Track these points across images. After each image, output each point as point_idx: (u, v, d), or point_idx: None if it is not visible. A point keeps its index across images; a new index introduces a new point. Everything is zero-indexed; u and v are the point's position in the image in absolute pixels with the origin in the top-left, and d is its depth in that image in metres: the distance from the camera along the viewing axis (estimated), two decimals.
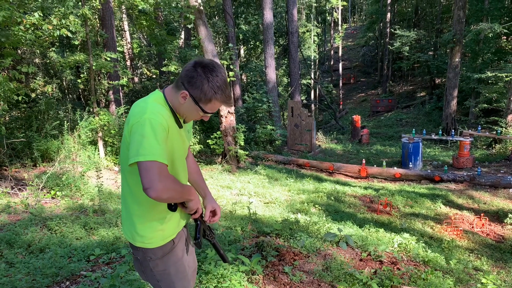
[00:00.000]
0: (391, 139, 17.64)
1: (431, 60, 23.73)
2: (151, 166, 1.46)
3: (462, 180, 8.23)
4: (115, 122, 9.05)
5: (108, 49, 10.33)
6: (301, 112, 12.78)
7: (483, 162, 10.10)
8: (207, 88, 1.62)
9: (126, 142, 1.60)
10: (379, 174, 9.25)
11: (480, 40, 16.89)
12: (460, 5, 14.62)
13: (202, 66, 1.63)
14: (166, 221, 1.74)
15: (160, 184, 1.45)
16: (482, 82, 15.76)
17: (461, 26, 14.84)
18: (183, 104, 1.67)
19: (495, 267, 4.23)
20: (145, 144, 1.48)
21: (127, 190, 1.71)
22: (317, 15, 32.02)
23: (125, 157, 1.62)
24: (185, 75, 1.63)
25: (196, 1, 9.23)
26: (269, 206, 6.41)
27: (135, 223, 1.71)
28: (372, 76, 35.37)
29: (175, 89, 1.67)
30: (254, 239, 4.18)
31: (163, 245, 1.75)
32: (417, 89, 28.56)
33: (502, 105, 14.33)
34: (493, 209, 6.44)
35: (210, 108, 1.68)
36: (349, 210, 6.43)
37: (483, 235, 5.38)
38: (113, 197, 6.31)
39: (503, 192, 7.46)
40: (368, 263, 3.67)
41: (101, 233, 4.54)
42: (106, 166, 8.41)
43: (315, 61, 29.02)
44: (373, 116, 24.77)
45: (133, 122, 1.55)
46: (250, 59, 22.20)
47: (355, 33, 45.83)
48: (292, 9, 15.27)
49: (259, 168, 9.39)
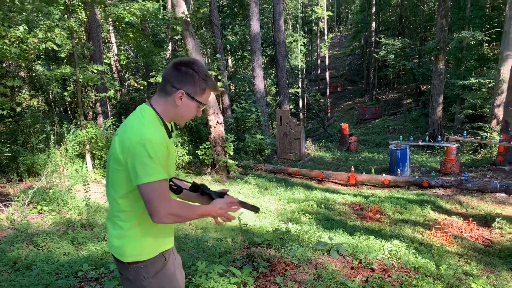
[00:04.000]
0: (379, 146, 17.81)
1: (416, 67, 24.14)
2: (156, 188, 1.53)
3: (449, 185, 8.33)
4: (102, 135, 8.96)
5: (95, 62, 10.29)
6: (290, 121, 12.84)
7: (469, 167, 10.24)
8: (198, 80, 1.66)
9: (118, 159, 1.60)
10: (368, 181, 9.31)
11: (463, 48, 17.26)
12: (442, 13, 14.94)
13: (183, 64, 1.67)
14: (159, 234, 1.74)
15: (163, 210, 1.54)
16: (466, 89, 16.08)
17: (444, 34, 15.15)
18: (179, 105, 1.68)
19: (485, 271, 4.27)
20: (150, 165, 1.52)
21: (116, 207, 1.68)
22: (303, 25, 32.40)
23: (118, 176, 1.63)
24: (172, 78, 1.66)
25: (183, 12, 9.27)
26: (260, 216, 6.39)
27: (126, 238, 1.68)
28: (358, 84, 35.78)
29: (164, 96, 1.68)
30: (245, 250, 4.15)
31: (155, 259, 1.71)
32: (403, 96, 28.96)
33: (486, 111, 14.61)
34: (481, 213, 6.52)
35: (205, 99, 1.73)
36: (340, 218, 6.44)
37: (472, 239, 5.43)
38: (102, 211, 6.22)
39: (489, 197, 7.57)
40: (359, 271, 3.67)
41: (90, 248, 4.46)
42: (94, 179, 8.30)
43: (302, 70, 29.29)
44: (360, 124, 25.00)
45: (133, 144, 1.54)
46: (238, 69, 22.31)
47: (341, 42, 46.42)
48: (279, 20, 15.43)
49: (249, 178, 9.38)
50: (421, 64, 25.14)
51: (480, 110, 15.31)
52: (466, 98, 15.95)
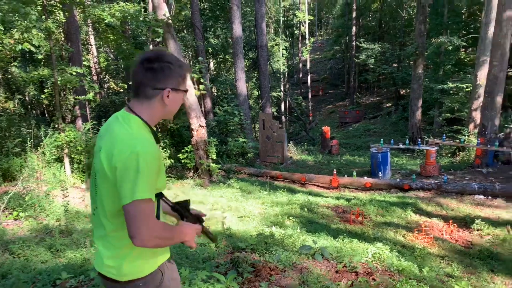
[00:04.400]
0: (359, 149, 18.00)
1: (395, 72, 24.56)
2: (141, 208, 1.40)
3: (430, 188, 8.46)
4: (81, 138, 8.76)
5: (74, 64, 10.06)
6: (272, 124, 12.85)
7: (448, 169, 10.44)
8: (176, 70, 1.57)
9: (106, 176, 1.48)
10: (350, 184, 9.38)
11: (441, 53, 17.67)
12: (421, 19, 15.25)
13: (153, 61, 1.55)
14: (156, 249, 1.63)
15: (147, 233, 1.41)
16: (444, 93, 16.44)
17: (422, 39, 15.46)
18: (167, 103, 1.59)
19: (466, 272, 4.34)
20: (137, 181, 1.40)
21: (110, 227, 1.56)
22: (285, 29, 32.57)
23: (108, 194, 1.51)
24: (150, 80, 1.54)
25: (165, 15, 9.18)
26: (243, 220, 6.34)
27: (124, 257, 1.57)
28: (339, 88, 36.15)
29: (146, 101, 1.57)
30: (229, 255, 4.10)
31: (154, 275, 1.63)
32: (383, 100, 29.40)
33: (464, 115, 14.96)
34: (460, 215, 6.63)
35: (187, 84, 1.66)
36: (323, 221, 6.45)
37: (452, 241, 5.51)
38: (81, 216, 6.06)
39: (468, 199, 7.72)
40: (344, 274, 3.67)
41: (68, 255, 4.33)
42: (73, 184, 8.10)
43: (284, 74, 29.42)
44: (341, 127, 25.25)
45: (122, 159, 1.42)
46: (220, 72, 22.24)
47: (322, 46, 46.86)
48: (261, 23, 15.46)
49: (232, 182, 9.32)
50: (400, 68, 25.60)
51: (458, 114, 15.67)
52: (445, 102, 16.30)
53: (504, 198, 7.51)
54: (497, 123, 9.71)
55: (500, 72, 9.36)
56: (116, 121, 1.57)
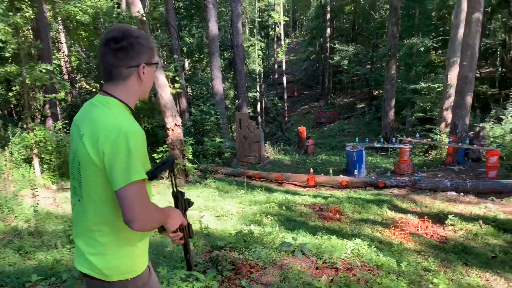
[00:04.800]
0: (334, 148, 18.21)
1: (368, 73, 25.01)
2: (137, 190, 1.34)
3: (404, 185, 8.62)
4: (52, 138, 8.45)
5: (43, 62, 9.70)
6: (249, 124, 12.81)
7: (421, 167, 10.67)
8: (145, 43, 1.51)
9: (92, 163, 1.39)
10: (327, 182, 9.44)
11: (412, 54, 18.10)
12: (393, 21, 15.58)
13: (120, 40, 1.46)
14: (141, 244, 1.56)
15: (145, 216, 1.36)
16: (416, 93, 16.83)
17: (395, 41, 15.79)
18: (143, 79, 1.53)
19: (442, 266, 4.41)
20: (130, 163, 1.34)
21: (95, 220, 1.46)
22: (260, 29, 32.62)
23: (95, 183, 1.42)
24: (122, 60, 1.46)
25: (139, 11, 8.98)
26: (221, 219, 6.27)
27: (112, 254, 1.47)
28: (314, 89, 36.51)
29: (122, 82, 1.49)
30: (207, 253, 4.02)
31: (142, 272, 1.55)
32: (357, 100, 29.89)
33: (435, 114, 15.36)
34: (434, 211, 6.77)
35: (156, 57, 1.60)
36: (301, 218, 6.45)
37: (428, 236, 5.61)
38: (52, 218, 5.83)
39: (441, 195, 7.90)
40: (324, 270, 3.66)
41: (38, 257, 4.13)
42: (43, 184, 7.80)
43: (260, 75, 29.44)
44: (317, 127, 25.50)
45: (110, 141, 1.34)
46: (196, 71, 22.03)
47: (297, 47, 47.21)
48: (237, 23, 15.40)
49: (209, 181, 9.21)
50: (373, 69, 26.08)
51: (429, 113, 16.08)
52: (417, 102, 16.69)
53: (475, 194, 7.74)
54: (467, 122, 10.00)
55: (470, 72, 9.65)
56: (93, 106, 1.49)
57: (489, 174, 8.60)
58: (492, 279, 4.06)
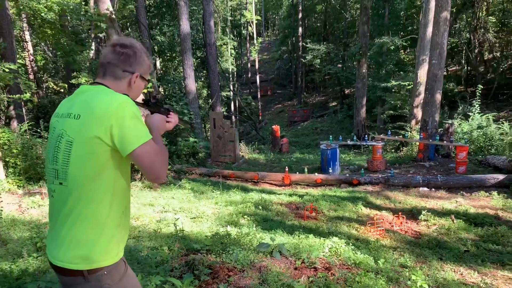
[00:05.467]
0: (308, 147, 18.36)
1: (340, 71, 25.37)
2: (152, 147, 1.48)
3: (377, 182, 8.73)
4: (17, 140, 8.06)
5: (7, 61, 9.25)
6: (224, 123, 12.68)
7: (394, 164, 10.86)
8: (145, 59, 1.66)
9: (93, 140, 1.43)
10: (302, 180, 9.45)
11: (383, 53, 18.44)
12: (364, 20, 15.82)
13: (126, 46, 1.61)
14: (120, 228, 1.57)
15: (165, 168, 1.53)
16: (387, 91, 17.17)
17: (366, 40, 16.04)
18: (133, 87, 1.64)
19: (417, 262, 4.45)
20: (139, 125, 1.47)
21: (80, 201, 1.47)
22: (233, 28, 32.49)
23: (92, 160, 1.45)
24: (120, 62, 1.59)
25: (107, 9, 8.70)
26: (197, 221, 6.13)
27: (94, 236, 1.47)
28: (287, 88, 36.75)
29: (113, 80, 1.59)
30: (183, 257, 3.90)
31: (118, 262, 1.53)
32: (329, 99, 30.28)
33: (406, 111, 15.71)
34: (408, 207, 6.87)
35: (148, 75, 1.74)
36: (278, 218, 6.40)
37: (402, 232, 5.67)
38: (17, 224, 5.53)
39: (414, 191, 8.04)
40: (303, 271, 3.61)
41: (3, 267, 3.89)
42: (8, 189, 7.42)
43: (233, 74, 29.35)
44: (290, 126, 25.65)
45: (113, 110, 1.41)
46: (168, 70, 21.67)
47: (269, 47, 47.36)
48: (209, 21, 15.23)
49: (183, 182, 9.04)
50: (345, 68, 26.48)
51: (400, 111, 16.44)
52: (387, 100, 17.04)
53: (446, 189, 7.92)
54: (437, 119, 10.24)
55: (439, 70, 9.88)
56: (82, 93, 1.56)
57: (458, 169, 8.83)
58: (466, 273, 4.13)
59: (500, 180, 7.69)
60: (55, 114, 1.60)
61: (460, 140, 10.29)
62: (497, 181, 7.70)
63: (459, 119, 12.14)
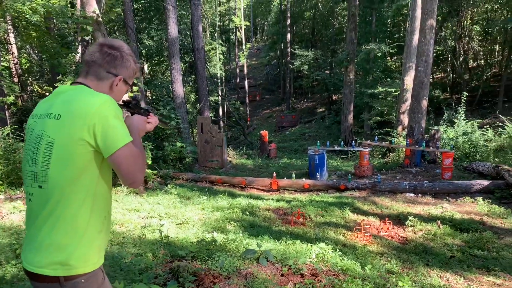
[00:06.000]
0: (296, 152, 18.38)
1: (328, 78, 25.53)
2: (131, 150, 1.44)
3: (364, 187, 8.75)
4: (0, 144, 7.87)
5: None
6: (211, 128, 12.61)
7: (380, 170, 10.92)
8: (132, 64, 1.62)
9: (70, 137, 1.38)
10: (289, 186, 9.42)
11: (370, 60, 18.62)
12: (351, 27, 15.96)
13: (113, 48, 1.58)
14: (102, 233, 1.52)
15: (140, 174, 1.48)
16: (374, 97, 17.32)
17: (353, 47, 16.18)
18: (114, 90, 1.60)
19: (404, 268, 4.45)
20: (120, 126, 1.43)
21: (60, 204, 1.41)
22: (221, 33, 32.51)
23: (69, 155, 1.40)
24: (106, 63, 1.55)
25: (94, 12, 8.59)
26: (183, 227, 6.04)
27: (74, 242, 1.41)
28: (276, 94, 36.85)
29: (96, 80, 1.55)
30: (168, 264, 3.82)
31: (96, 271, 1.47)
32: (317, 105, 30.43)
33: (393, 118, 15.85)
34: (394, 213, 6.89)
35: (132, 80, 1.71)
36: (265, 223, 6.35)
37: (389, 238, 5.68)
38: None
39: (400, 197, 8.08)
40: (289, 277, 3.56)
41: None
42: None
43: (221, 79, 29.31)
44: (279, 131, 25.68)
45: (95, 111, 1.38)
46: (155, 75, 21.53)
47: (258, 52, 47.52)
48: (197, 26, 15.18)
49: (169, 188, 8.93)
50: (332, 74, 26.67)
51: (387, 117, 16.58)
52: (374, 106, 17.18)
53: (432, 195, 7.97)
54: (423, 125, 10.34)
55: (425, 77, 9.99)
56: (61, 92, 1.51)
57: (444, 175, 8.91)
58: (452, 278, 4.13)
59: (485, 186, 7.77)
60: (33, 115, 1.55)
61: (446, 147, 10.40)
62: (482, 187, 7.79)
63: (444, 126, 12.29)
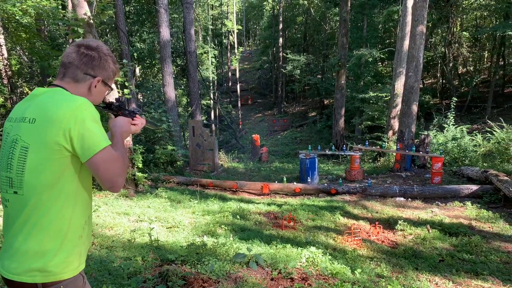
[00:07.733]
0: (288, 156, 18.40)
1: (319, 82, 25.66)
2: (110, 154, 1.41)
3: (355, 191, 8.78)
4: None
5: None
6: (203, 131, 12.58)
7: (371, 174, 10.98)
8: (110, 65, 1.58)
9: (44, 142, 1.35)
10: (281, 190, 9.43)
11: (361, 65, 18.76)
12: (343, 32, 16.07)
13: (90, 48, 1.53)
14: (83, 239, 1.49)
15: (123, 177, 1.46)
16: (365, 102, 17.44)
17: (345, 52, 16.29)
18: (93, 93, 1.55)
19: (394, 272, 4.46)
20: (98, 130, 1.40)
21: (38, 209, 1.38)
22: (214, 37, 32.53)
23: (46, 161, 1.36)
24: (83, 64, 1.50)
25: (85, 14, 8.54)
26: (173, 231, 6.00)
27: (49, 251, 1.37)
28: (268, 98, 36.94)
29: (73, 83, 1.50)
30: (157, 268, 3.79)
31: (76, 277, 1.44)
32: (309, 109, 30.55)
33: (383, 122, 15.96)
34: (384, 217, 6.93)
35: (112, 83, 1.64)
36: (255, 227, 6.34)
37: (379, 242, 5.70)
38: None
39: (390, 201, 8.12)
40: (279, 281, 3.55)
41: None
42: None
43: (213, 82, 29.30)
44: (270, 135, 25.72)
45: (72, 114, 1.34)
46: (147, 78, 21.44)
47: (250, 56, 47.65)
48: (190, 29, 15.18)
49: (160, 191, 8.87)
50: (324, 79, 26.81)
51: (377, 122, 16.70)
52: (365, 111, 17.30)
53: (422, 199, 8.04)
54: (413, 130, 10.43)
55: (415, 82, 10.10)
56: (37, 95, 1.45)
57: (434, 179, 8.99)
58: (441, 282, 4.16)
59: (474, 190, 7.86)
60: (9, 119, 1.51)
61: (435, 151, 10.50)
62: (471, 192, 7.87)
63: (434, 131, 12.41)
